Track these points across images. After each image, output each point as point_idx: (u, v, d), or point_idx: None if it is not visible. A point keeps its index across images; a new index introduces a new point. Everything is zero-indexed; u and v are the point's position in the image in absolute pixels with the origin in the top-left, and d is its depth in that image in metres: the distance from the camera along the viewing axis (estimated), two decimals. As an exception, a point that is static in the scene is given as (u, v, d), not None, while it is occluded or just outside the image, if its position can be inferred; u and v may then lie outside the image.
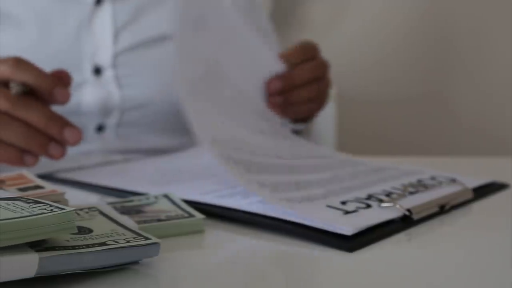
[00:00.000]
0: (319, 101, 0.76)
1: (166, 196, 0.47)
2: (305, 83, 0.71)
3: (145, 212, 0.44)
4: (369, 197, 0.48)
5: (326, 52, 0.93)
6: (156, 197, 0.47)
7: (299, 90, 0.71)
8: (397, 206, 0.44)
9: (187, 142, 0.89)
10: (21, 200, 0.34)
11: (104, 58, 0.82)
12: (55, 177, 0.59)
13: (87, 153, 0.85)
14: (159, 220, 0.42)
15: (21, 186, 0.42)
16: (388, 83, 2.07)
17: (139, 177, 0.58)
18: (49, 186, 0.42)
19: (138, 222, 0.41)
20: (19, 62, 0.59)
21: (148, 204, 0.46)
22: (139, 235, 0.36)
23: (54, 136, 0.59)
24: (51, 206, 0.33)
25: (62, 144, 0.59)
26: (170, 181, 0.56)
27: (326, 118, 1.29)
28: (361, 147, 1.88)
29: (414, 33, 2.07)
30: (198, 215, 0.43)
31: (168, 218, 0.42)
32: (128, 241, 0.35)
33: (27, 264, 0.31)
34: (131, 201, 0.46)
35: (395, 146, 2.07)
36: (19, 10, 0.81)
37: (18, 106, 0.57)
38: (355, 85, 2.05)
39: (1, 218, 0.30)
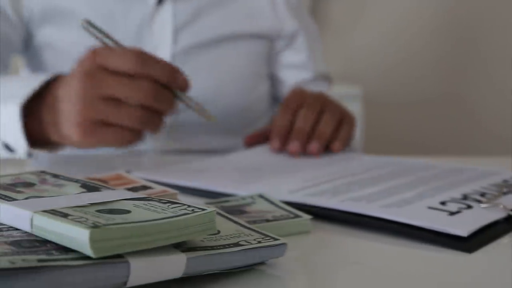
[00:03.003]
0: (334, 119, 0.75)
1: (261, 196, 0.47)
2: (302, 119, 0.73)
3: (248, 213, 0.44)
4: (465, 197, 0.47)
5: (348, 52, 0.93)
6: (252, 197, 0.47)
7: (298, 127, 0.72)
8: (501, 206, 0.44)
9: (239, 143, 0.89)
10: (155, 200, 0.34)
11: (163, 57, 0.81)
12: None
13: (139, 154, 0.85)
14: (267, 221, 0.42)
15: (129, 186, 0.42)
16: (409, 84, 2.07)
17: (219, 176, 0.58)
18: (156, 186, 0.42)
19: (248, 223, 0.41)
20: (143, 56, 0.55)
21: (247, 204, 0.46)
22: (266, 235, 0.36)
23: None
24: (189, 206, 0.33)
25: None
26: (251, 179, 0.56)
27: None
28: (381, 148, 1.88)
29: (437, 33, 2.07)
30: (305, 216, 0.43)
31: (275, 219, 0.42)
32: (259, 242, 0.35)
33: (175, 265, 0.30)
34: (228, 201, 0.46)
35: (410, 146, 2.07)
36: (83, 9, 0.81)
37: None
38: (376, 85, 2.05)
39: (149, 219, 0.30)
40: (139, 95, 0.54)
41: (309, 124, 0.72)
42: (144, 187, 0.42)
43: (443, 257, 0.38)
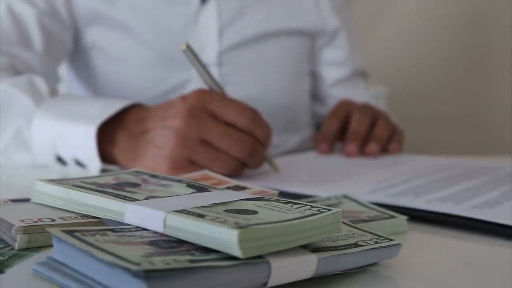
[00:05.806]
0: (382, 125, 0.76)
1: (346, 197, 0.47)
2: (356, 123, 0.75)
3: (340, 213, 0.43)
4: (551, 197, 0.47)
5: (371, 51, 0.92)
6: (337, 198, 0.47)
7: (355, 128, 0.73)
8: None
9: (286, 140, 0.89)
10: (273, 201, 0.34)
11: (210, 56, 0.81)
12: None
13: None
14: (363, 221, 0.41)
15: (223, 186, 0.41)
16: (432, 83, 2.06)
17: (289, 177, 0.57)
18: (252, 186, 0.42)
19: (345, 223, 0.41)
20: (256, 114, 0.56)
21: (334, 205, 0.45)
22: (379, 236, 0.35)
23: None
24: (312, 206, 0.32)
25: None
26: (322, 181, 0.56)
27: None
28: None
29: (459, 32, 2.06)
30: (401, 216, 0.43)
31: (371, 219, 0.42)
32: (375, 242, 0.34)
33: (308, 265, 0.30)
34: (314, 202, 0.46)
35: (432, 146, 2.06)
36: (126, 11, 0.80)
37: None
38: (400, 85, 2.04)
39: (282, 219, 0.30)
40: (238, 149, 0.53)
41: (364, 127, 0.73)
42: (239, 187, 0.42)
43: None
